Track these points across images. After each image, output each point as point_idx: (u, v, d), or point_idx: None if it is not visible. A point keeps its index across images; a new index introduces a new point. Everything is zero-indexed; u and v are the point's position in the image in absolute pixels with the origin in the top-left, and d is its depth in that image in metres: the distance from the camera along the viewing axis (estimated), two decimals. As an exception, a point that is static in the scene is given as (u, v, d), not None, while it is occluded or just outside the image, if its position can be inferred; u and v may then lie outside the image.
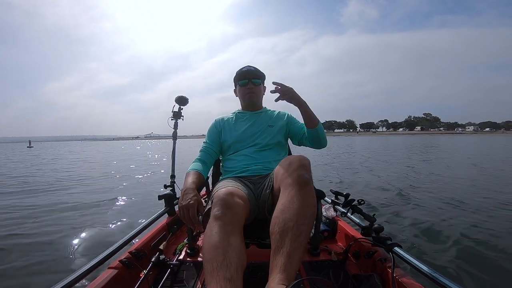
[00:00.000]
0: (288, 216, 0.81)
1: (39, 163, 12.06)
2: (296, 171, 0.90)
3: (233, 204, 0.90)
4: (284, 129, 1.40)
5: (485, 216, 2.83)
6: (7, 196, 4.63)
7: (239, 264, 0.76)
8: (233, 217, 0.87)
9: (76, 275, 0.84)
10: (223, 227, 0.83)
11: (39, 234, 2.69)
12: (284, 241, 0.76)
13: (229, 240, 0.81)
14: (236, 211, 0.89)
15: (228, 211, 0.87)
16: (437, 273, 0.82)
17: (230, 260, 0.75)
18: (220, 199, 0.90)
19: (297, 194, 0.85)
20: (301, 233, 0.78)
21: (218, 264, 0.74)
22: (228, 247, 0.78)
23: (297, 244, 0.76)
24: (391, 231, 2.38)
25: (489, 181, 4.91)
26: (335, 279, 1.06)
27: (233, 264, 0.75)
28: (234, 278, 0.72)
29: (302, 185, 0.87)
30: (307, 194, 0.86)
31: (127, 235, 1.16)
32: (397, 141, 31.24)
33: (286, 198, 0.86)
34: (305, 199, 0.85)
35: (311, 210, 0.85)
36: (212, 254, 0.77)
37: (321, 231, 1.39)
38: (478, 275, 1.70)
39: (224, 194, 0.92)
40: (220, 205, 0.88)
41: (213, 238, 0.81)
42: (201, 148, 1.37)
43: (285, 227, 0.79)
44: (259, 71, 1.39)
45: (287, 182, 0.90)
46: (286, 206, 0.84)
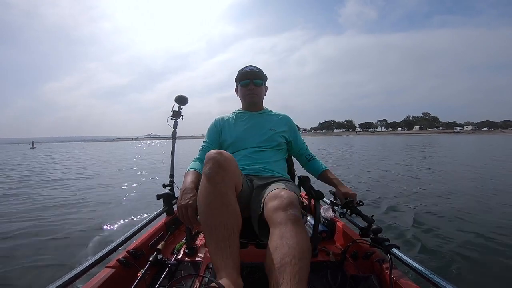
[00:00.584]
0: (284, 252, 0.75)
1: (53, 163, 12.22)
2: (286, 211, 0.86)
3: (224, 163, 0.89)
4: (285, 135, 1.40)
5: (484, 217, 2.85)
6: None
7: (235, 223, 0.81)
8: (225, 175, 0.88)
9: (73, 274, 0.84)
10: (216, 187, 0.85)
11: (38, 232, 2.69)
12: (284, 278, 0.70)
13: (223, 200, 0.84)
14: (228, 170, 0.89)
15: (219, 170, 0.87)
16: (434, 274, 0.82)
17: (226, 221, 0.80)
18: (211, 158, 0.90)
19: (290, 230, 0.81)
20: (301, 267, 0.72)
21: (215, 225, 0.79)
22: (222, 207, 0.83)
23: (298, 280, 0.69)
24: (389, 233, 2.39)
25: (490, 181, 4.92)
26: (333, 280, 1.06)
27: (229, 224, 0.80)
28: (231, 238, 0.79)
29: (293, 222, 0.83)
30: (299, 230, 0.82)
31: (125, 234, 1.16)
32: (394, 140, 31.25)
33: (278, 235, 0.81)
34: (299, 235, 0.80)
35: (307, 245, 0.79)
36: (208, 215, 0.82)
37: (319, 232, 1.39)
38: (476, 277, 1.71)
39: (215, 152, 0.92)
40: (211, 163, 0.88)
41: (208, 198, 0.84)
42: (201, 147, 1.37)
43: (282, 263, 0.73)
44: (261, 71, 1.40)
45: (277, 221, 0.85)
46: (279, 243, 0.78)
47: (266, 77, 1.43)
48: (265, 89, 1.47)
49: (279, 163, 1.34)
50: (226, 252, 0.78)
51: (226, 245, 0.78)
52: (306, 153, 1.46)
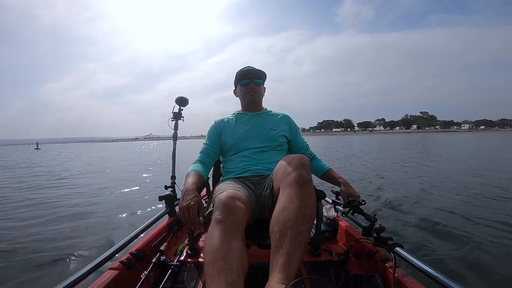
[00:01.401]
0: (287, 216, 0.80)
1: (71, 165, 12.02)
2: (295, 171, 0.90)
3: (235, 207, 0.89)
4: (286, 134, 1.40)
5: (489, 215, 2.84)
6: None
7: (240, 268, 0.76)
8: (234, 220, 0.87)
9: (76, 276, 0.84)
10: (225, 231, 0.83)
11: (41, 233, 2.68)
12: (284, 241, 0.76)
13: (231, 243, 0.80)
14: (238, 214, 0.89)
15: (229, 215, 0.87)
16: (438, 273, 0.82)
17: (231, 264, 0.75)
18: (221, 203, 0.90)
19: (297, 193, 0.85)
20: (300, 232, 0.78)
21: (219, 267, 0.74)
22: (229, 251, 0.78)
23: (297, 243, 0.76)
24: (392, 231, 2.39)
25: (492, 179, 4.93)
26: (336, 280, 1.06)
27: (234, 268, 0.74)
28: (235, 282, 0.72)
29: (301, 184, 0.87)
30: (306, 193, 0.86)
31: (128, 236, 1.15)
32: (392, 139, 31.48)
33: (285, 197, 0.86)
34: (305, 199, 0.84)
35: (311, 210, 0.85)
36: (213, 257, 0.77)
37: (322, 232, 1.40)
38: (481, 276, 1.70)
39: (225, 197, 0.92)
40: (221, 209, 0.88)
41: (215, 241, 0.80)
42: (201, 150, 1.37)
43: (285, 227, 0.78)
44: (261, 71, 1.40)
45: (286, 182, 0.89)
46: (285, 205, 0.83)
47: (265, 76, 1.43)
48: (264, 90, 1.47)
49: None
50: None
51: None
52: (307, 152, 1.45)
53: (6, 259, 2.12)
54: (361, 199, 1.18)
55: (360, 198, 1.19)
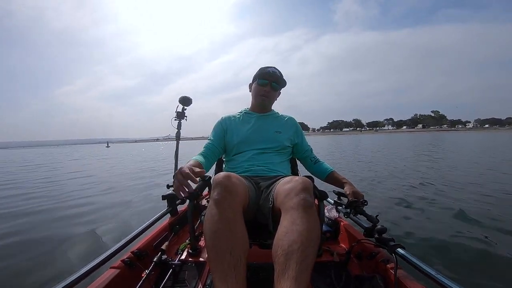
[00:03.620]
0: (292, 239, 0.76)
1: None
2: (299, 195, 0.87)
3: (232, 188, 0.88)
4: (291, 138, 1.40)
5: (492, 215, 2.80)
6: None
7: (242, 250, 0.78)
8: (232, 201, 0.86)
9: (78, 275, 0.85)
10: (224, 212, 0.83)
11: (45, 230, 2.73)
12: (289, 264, 0.71)
13: (230, 225, 0.81)
14: (236, 195, 0.88)
15: (227, 195, 0.86)
16: (440, 274, 0.81)
17: (233, 247, 0.76)
18: (219, 183, 0.88)
19: (301, 217, 0.81)
20: (308, 255, 0.74)
21: (221, 251, 0.76)
22: (230, 233, 0.79)
23: (304, 267, 0.71)
24: (394, 232, 2.37)
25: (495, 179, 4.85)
26: (337, 280, 1.05)
27: (236, 250, 0.76)
28: (238, 265, 0.74)
29: (305, 208, 0.83)
30: (311, 217, 0.83)
31: (130, 235, 1.16)
32: (387, 137, 31.67)
33: (288, 220, 0.82)
34: (310, 222, 0.81)
35: (316, 233, 0.81)
36: (214, 241, 0.78)
37: (323, 232, 1.39)
38: (484, 278, 1.68)
39: (223, 177, 0.90)
40: (219, 188, 0.87)
41: (215, 224, 0.81)
42: (205, 144, 1.36)
43: (290, 250, 0.74)
44: (282, 77, 1.38)
45: (289, 205, 0.86)
46: (289, 228, 0.79)
47: (285, 83, 1.42)
48: (278, 95, 1.46)
49: (283, 164, 1.34)
50: (232, 280, 0.72)
51: (232, 273, 0.73)
52: (311, 156, 1.45)
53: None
54: (363, 200, 1.17)
55: (363, 199, 1.18)
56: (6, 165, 13.48)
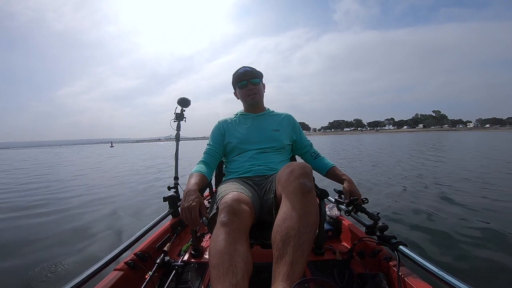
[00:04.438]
0: (290, 225, 0.80)
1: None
2: (298, 179, 0.89)
3: (240, 210, 0.90)
4: (289, 135, 1.40)
5: (495, 212, 2.79)
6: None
7: (245, 270, 0.77)
8: (239, 223, 0.87)
9: (82, 277, 0.85)
10: (230, 234, 0.83)
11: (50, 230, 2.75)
12: (287, 250, 0.76)
13: (236, 246, 0.81)
14: (243, 217, 0.89)
15: (234, 218, 0.87)
16: (443, 271, 0.81)
17: (236, 266, 0.75)
18: (227, 206, 0.90)
19: (299, 202, 0.84)
20: (304, 241, 0.77)
21: (224, 270, 0.75)
22: (234, 253, 0.79)
23: (300, 253, 0.75)
24: (396, 230, 2.36)
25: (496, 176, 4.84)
26: (340, 279, 1.05)
27: (239, 270, 0.75)
28: (240, 284, 0.72)
29: (304, 193, 0.86)
30: (309, 202, 0.85)
31: (132, 236, 1.17)
32: (385, 137, 31.87)
33: (287, 206, 0.85)
34: (308, 207, 0.84)
35: (314, 219, 0.84)
36: (218, 260, 0.78)
37: (325, 231, 1.39)
38: (486, 274, 1.67)
39: (231, 200, 0.92)
40: (226, 212, 0.88)
41: (220, 244, 0.81)
42: (205, 150, 1.37)
43: (287, 236, 0.78)
44: (256, 70, 1.39)
45: (288, 190, 0.89)
46: (288, 214, 0.83)
47: (261, 74, 1.41)
48: (263, 87, 1.45)
49: (283, 163, 1.34)
50: None
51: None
52: (311, 150, 1.45)
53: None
54: (364, 198, 1.17)
55: (362, 196, 1.18)
56: (25, 164, 14.19)
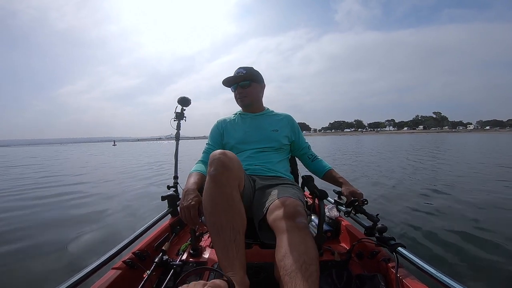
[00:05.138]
0: (293, 259, 0.75)
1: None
2: (293, 220, 0.86)
3: (229, 164, 0.89)
4: (288, 135, 1.40)
5: (495, 215, 2.80)
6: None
7: (240, 224, 0.83)
8: (229, 176, 0.88)
9: (80, 276, 0.85)
10: (221, 188, 0.86)
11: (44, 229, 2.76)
12: (296, 283, 0.69)
13: (229, 202, 0.85)
14: (232, 170, 0.90)
15: (224, 170, 0.87)
16: (441, 273, 0.81)
17: (232, 222, 0.82)
18: (215, 158, 0.90)
19: (298, 237, 0.81)
20: (312, 273, 0.72)
21: (221, 226, 0.81)
22: (228, 208, 0.83)
23: (311, 284, 0.69)
24: (395, 231, 2.37)
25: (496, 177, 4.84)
26: (338, 280, 1.05)
27: (235, 225, 0.81)
28: (238, 239, 0.80)
29: (301, 230, 0.84)
30: (307, 237, 0.83)
31: (131, 235, 1.17)
32: (383, 138, 31.92)
33: (286, 242, 0.80)
34: (308, 242, 0.81)
35: (315, 252, 0.80)
36: (214, 216, 0.83)
37: (324, 231, 1.39)
38: (485, 276, 1.67)
39: (219, 153, 0.92)
40: (216, 164, 0.88)
41: (214, 200, 0.85)
42: (204, 150, 1.37)
43: (293, 269, 0.72)
44: (249, 71, 1.35)
45: (284, 228, 0.85)
46: (288, 250, 0.78)
47: (254, 75, 1.37)
48: (261, 87, 1.42)
49: (282, 163, 1.34)
50: (233, 253, 0.78)
51: (232, 246, 0.79)
52: (309, 153, 1.45)
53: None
54: (363, 199, 1.17)
55: (362, 198, 1.18)
56: (35, 161, 14.93)
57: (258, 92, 1.41)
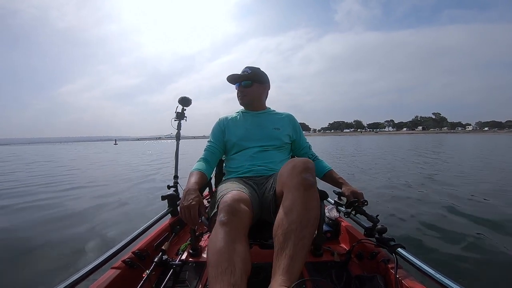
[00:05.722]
0: (291, 219, 0.81)
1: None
2: (300, 174, 0.89)
3: (239, 210, 0.90)
4: (289, 134, 1.40)
5: (495, 216, 2.80)
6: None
7: (243, 270, 0.77)
8: (238, 223, 0.87)
9: (79, 275, 0.85)
10: (229, 233, 0.83)
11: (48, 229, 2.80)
12: (287, 244, 0.77)
13: (234, 245, 0.80)
14: (242, 217, 0.89)
15: (234, 218, 0.87)
16: (441, 274, 0.81)
17: (235, 266, 0.75)
18: (226, 205, 0.90)
19: (301, 196, 0.85)
20: (305, 235, 0.79)
21: (223, 269, 0.75)
22: (233, 253, 0.78)
23: (300, 247, 0.77)
24: (395, 232, 2.36)
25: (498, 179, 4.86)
26: (338, 280, 1.05)
27: (237, 270, 0.75)
28: (238, 284, 0.72)
29: (306, 188, 0.87)
30: (311, 197, 0.86)
31: (131, 235, 1.16)
32: (381, 139, 32.04)
33: (289, 200, 0.86)
34: (309, 202, 0.85)
35: (315, 213, 0.85)
36: (217, 259, 0.78)
37: (324, 232, 1.39)
38: (484, 277, 1.68)
39: (230, 200, 0.92)
40: (226, 211, 0.88)
41: (219, 243, 0.81)
42: (205, 147, 1.37)
43: (288, 230, 0.79)
44: (254, 72, 1.37)
45: (291, 185, 0.89)
46: (290, 208, 0.84)
47: (260, 76, 1.39)
48: (264, 88, 1.43)
49: (283, 163, 1.33)
50: None
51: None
52: (309, 153, 1.45)
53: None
54: (363, 200, 1.17)
55: (363, 198, 1.18)
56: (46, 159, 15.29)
57: (260, 93, 1.42)
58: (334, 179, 1.33)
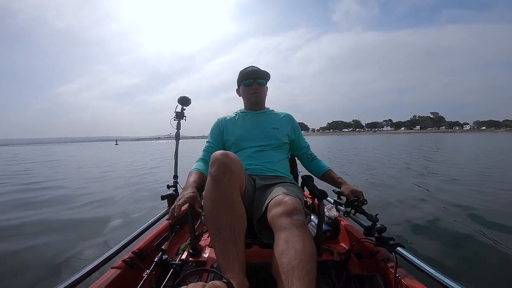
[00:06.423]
0: (290, 256, 0.74)
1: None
2: (290, 216, 0.86)
3: (231, 165, 0.89)
4: (288, 133, 1.40)
5: (495, 215, 2.81)
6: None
7: (241, 225, 0.83)
8: (230, 177, 0.88)
9: (79, 275, 0.85)
10: (222, 189, 0.86)
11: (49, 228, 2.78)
12: (292, 281, 0.69)
13: (229, 202, 0.85)
14: (233, 171, 0.90)
15: (225, 171, 0.87)
16: (440, 273, 0.82)
17: (232, 223, 0.82)
18: (216, 159, 0.89)
19: (295, 235, 0.80)
20: (309, 270, 0.71)
21: (222, 227, 0.81)
22: (228, 209, 0.84)
23: (307, 283, 0.69)
24: (394, 231, 2.37)
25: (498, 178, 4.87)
26: (337, 279, 1.05)
27: (235, 226, 0.81)
28: (238, 241, 0.80)
29: (299, 227, 0.83)
30: (305, 234, 0.82)
31: (130, 235, 1.17)
32: (380, 138, 32.02)
33: (283, 240, 0.80)
34: (305, 240, 0.80)
35: (313, 249, 0.79)
36: (214, 217, 0.83)
37: (323, 231, 1.39)
38: (485, 276, 1.68)
39: (221, 154, 0.91)
40: (217, 165, 0.88)
41: (214, 200, 0.85)
42: (204, 148, 1.37)
43: (290, 267, 0.72)
44: (264, 71, 1.40)
45: (282, 226, 0.85)
46: (285, 247, 0.78)
47: (269, 77, 1.42)
48: (266, 89, 1.47)
49: (282, 163, 1.34)
50: (233, 254, 0.78)
51: (232, 247, 0.79)
52: (308, 152, 1.45)
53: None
54: (363, 199, 1.17)
55: (363, 196, 1.18)
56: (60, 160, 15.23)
57: (266, 93, 1.47)
58: (333, 178, 1.33)
